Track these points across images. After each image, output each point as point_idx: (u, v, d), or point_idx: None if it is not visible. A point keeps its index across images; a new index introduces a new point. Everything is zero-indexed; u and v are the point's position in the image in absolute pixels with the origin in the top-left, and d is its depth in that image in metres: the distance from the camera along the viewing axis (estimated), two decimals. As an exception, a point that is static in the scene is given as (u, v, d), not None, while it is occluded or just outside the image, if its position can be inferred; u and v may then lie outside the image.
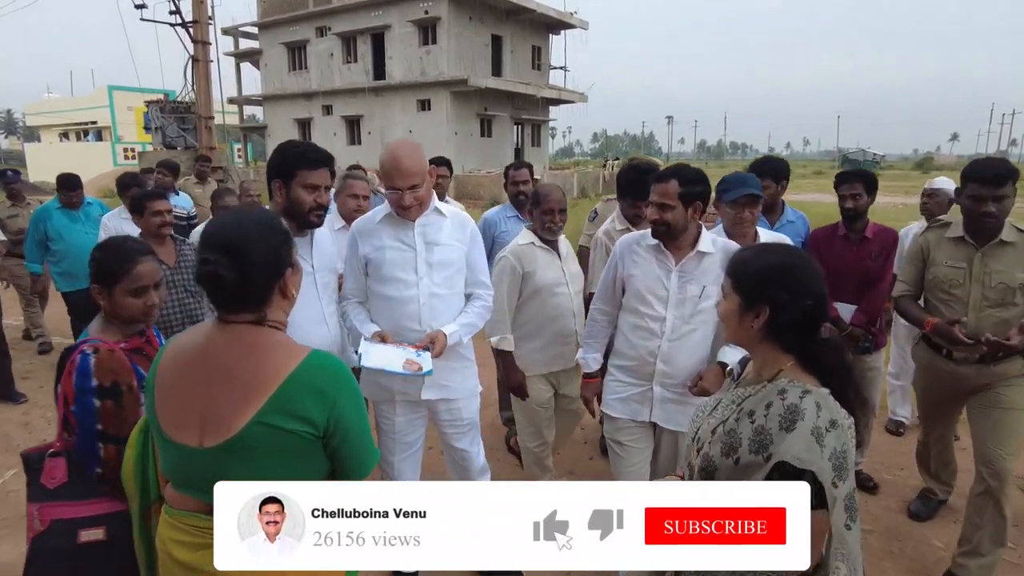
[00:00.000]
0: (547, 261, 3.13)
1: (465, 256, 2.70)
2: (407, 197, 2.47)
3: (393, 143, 2.55)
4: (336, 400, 1.35)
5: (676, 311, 2.44)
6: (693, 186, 2.39)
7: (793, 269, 1.40)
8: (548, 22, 31.12)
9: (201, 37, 11.45)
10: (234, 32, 33.52)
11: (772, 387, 1.36)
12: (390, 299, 2.57)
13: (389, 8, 27.71)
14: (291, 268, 1.45)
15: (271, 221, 1.45)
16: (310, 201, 2.41)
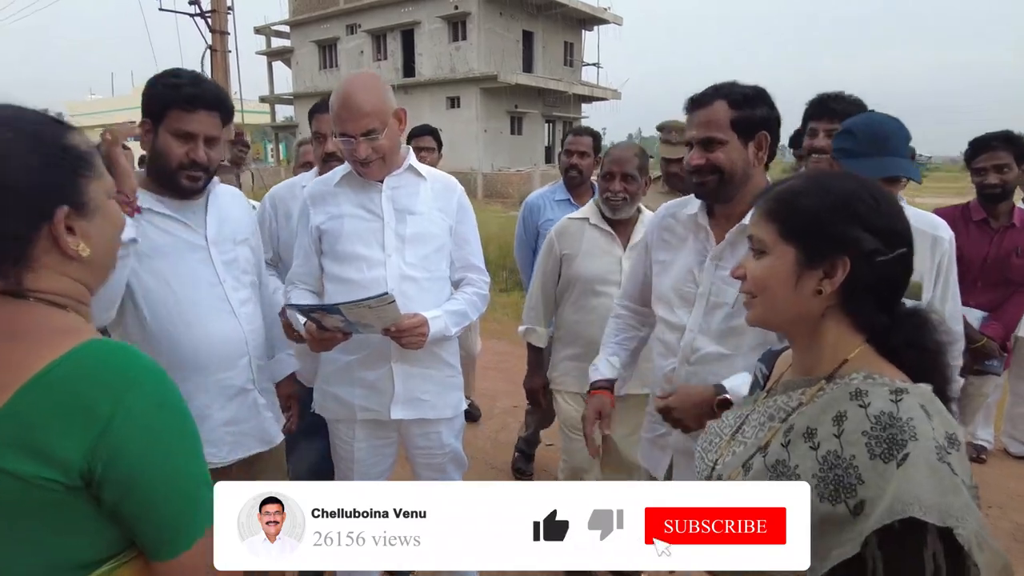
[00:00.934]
0: (598, 246, 2.51)
1: (450, 231, 2.08)
2: (362, 147, 1.87)
3: (345, 79, 1.95)
4: (112, 423, 0.84)
5: (701, 320, 1.71)
6: (752, 107, 1.60)
7: (875, 197, 0.96)
8: (581, 17, 30.53)
9: (219, 27, 11.16)
10: (266, 31, 33.68)
11: (838, 388, 0.94)
12: (349, 283, 1.96)
13: (419, 4, 27.45)
14: (72, 208, 0.91)
15: (35, 125, 0.92)
16: (180, 155, 1.74)
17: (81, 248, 0.92)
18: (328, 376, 2.09)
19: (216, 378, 1.82)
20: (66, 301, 0.94)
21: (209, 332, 1.80)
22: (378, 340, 1.94)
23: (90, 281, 0.98)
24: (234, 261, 1.91)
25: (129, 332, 1.79)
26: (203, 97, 1.74)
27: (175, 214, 1.80)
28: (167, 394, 0.92)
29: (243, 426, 1.89)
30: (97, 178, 0.96)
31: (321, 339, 1.88)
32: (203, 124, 1.75)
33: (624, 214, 2.48)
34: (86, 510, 0.86)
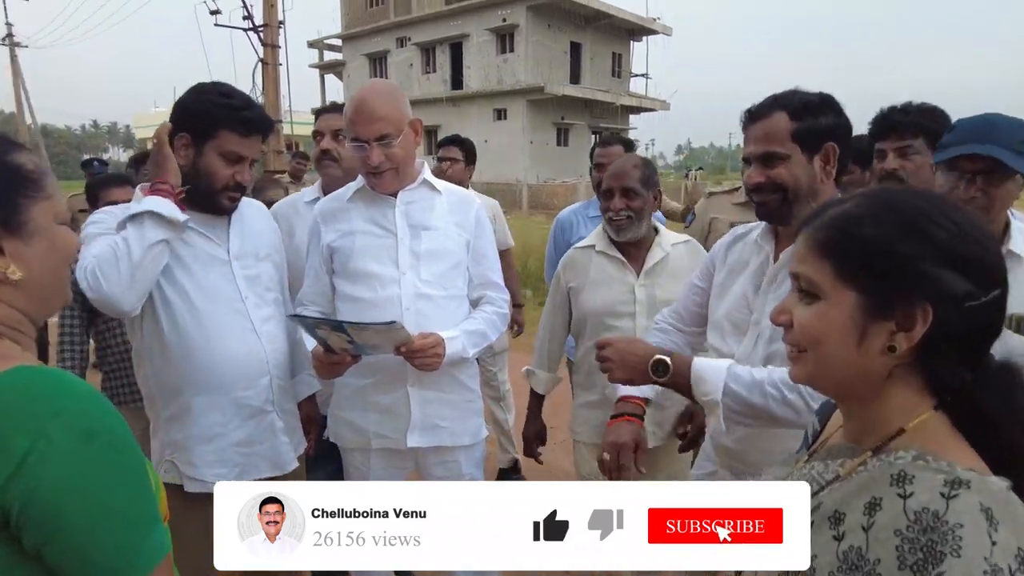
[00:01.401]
0: (606, 274, 2.21)
1: (467, 246, 1.98)
2: (375, 152, 1.80)
3: (362, 86, 1.90)
4: (29, 459, 0.75)
5: (751, 350, 1.54)
6: (816, 116, 1.44)
7: (957, 220, 0.75)
8: (630, 28, 30.39)
9: (271, 41, 11.45)
10: (319, 44, 34.53)
11: (881, 466, 0.76)
12: (362, 302, 1.88)
13: (468, 17, 27.73)
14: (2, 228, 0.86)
15: None
16: (226, 176, 1.74)
17: (11, 271, 0.86)
18: (341, 401, 2.00)
19: (233, 396, 1.77)
20: (1, 328, 0.87)
21: (228, 349, 1.76)
22: (393, 362, 1.84)
23: (28, 307, 0.91)
24: (257, 277, 1.87)
25: (146, 340, 1.77)
26: (258, 123, 1.76)
27: (198, 227, 1.77)
28: (99, 424, 0.83)
29: (256, 448, 1.84)
30: (42, 199, 0.90)
31: (329, 363, 1.79)
32: (253, 149, 1.78)
33: (631, 235, 2.14)
34: (3, 554, 0.78)
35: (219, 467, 1.78)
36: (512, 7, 26.41)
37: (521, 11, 26.20)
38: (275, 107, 11.85)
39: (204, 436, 1.76)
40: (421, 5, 29.55)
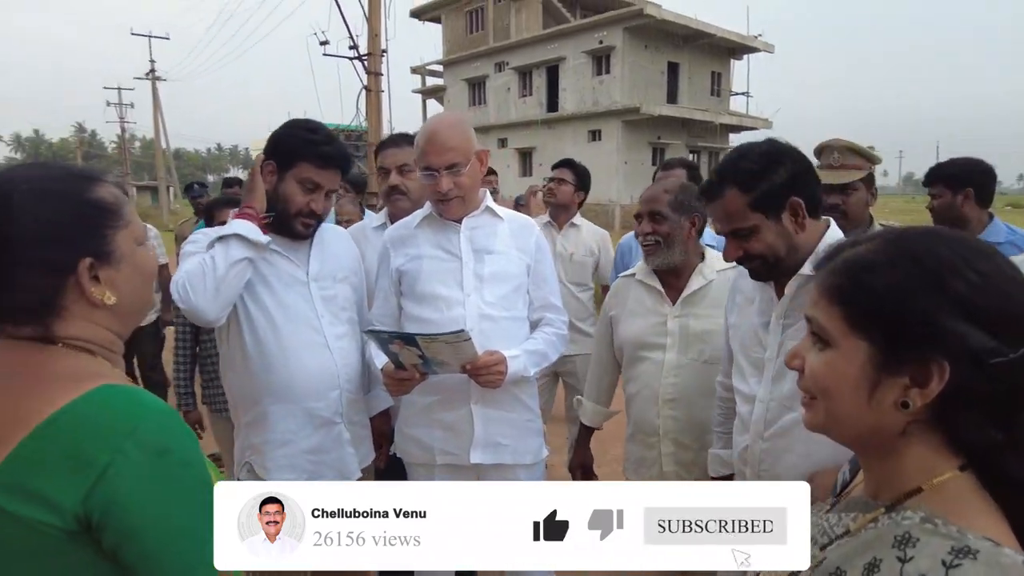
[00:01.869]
0: (642, 303, 2.17)
1: (528, 270, 2.05)
2: (444, 180, 1.90)
3: (432, 117, 2.02)
4: (108, 473, 0.83)
5: (771, 387, 1.52)
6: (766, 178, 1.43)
7: (980, 270, 0.69)
8: (730, 46, 29.70)
9: (374, 69, 12.08)
10: (421, 71, 35.90)
11: (889, 525, 0.72)
12: (428, 323, 1.96)
13: (564, 40, 28.04)
14: (95, 260, 0.94)
15: (60, 183, 0.95)
16: (301, 203, 1.90)
17: (106, 296, 0.95)
18: (408, 418, 2.08)
19: (305, 406, 1.90)
20: (94, 347, 0.96)
21: (303, 362, 1.89)
22: (457, 381, 1.92)
23: (118, 327, 1.00)
24: (333, 298, 2.02)
25: (231, 351, 1.94)
26: (335, 157, 1.91)
27: (281, 249, 1.94)
28: (171, 442, 0.90)
29: (324, 456, 1.95)
30: (124, 227, 0.98)
31: (399, 379, 1.87)
32: (329, 180, 1.92)
33: (661, 261, 2.08)
34: (84, 556, 0.86)
35: (289, 472, 1.91)
36: (609, 29, 26.50)
37: (618, 33, 26.23)
38: (377, 132, 12.48)
39: (278, 441, 1.91)
40: (519, 30, 30.17)
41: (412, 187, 2.42)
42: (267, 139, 1.96)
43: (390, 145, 2.53)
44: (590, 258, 3.59)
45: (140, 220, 1.06)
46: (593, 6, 30.31)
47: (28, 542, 0.83)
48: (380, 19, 12.20)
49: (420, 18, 34.17)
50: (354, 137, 15.28)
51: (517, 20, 30.40)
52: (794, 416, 1.47)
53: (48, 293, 0.92)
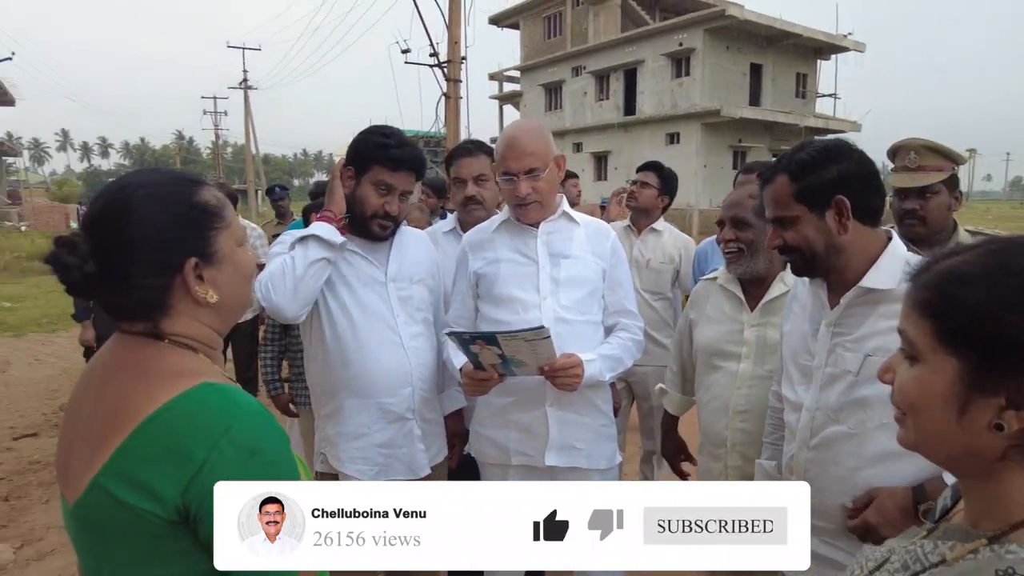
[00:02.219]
0: (721, 310, 2.10)
1: (603, 275, 2.05)
2: (523, 185, 1.93)
3: (511, 124, 2.05)
4: (204, 468, 0.87)
5: (819, 395, 1.48)
6: (817, 172, 1.41)
7: None
8: (817, 46, 28.63)
9: (453, 76, 12.37)
10: (499, 77, 36.33)
11: (991, 558, 0.66)
12: (505, 325, 1.97)
13: (643, 43, 27.77)
14: (199, 260, 0.98)
15: (170, 186, 1.00)
16: (376, 205, 1.96)
17: (210, 295, 0.99)
18: (483, 419, 2.10)
19: (378, 402, 1.98)
20: (197, 344, 1.01)
21: (378, 359, 1.97)
22: (533, 383, 1.94)
23: (219, 325, 1.05)
24: (409, 298, 2.07)
25: (313, 346, 2.04)
26: (406, 160, 1.97)
27: (361, 251, 2.02)
28: (262, 442, 0.93)
29: (395, 451, 2.02)
30: (225, 228, 1.03)
31: (477, 380, 1.89)
32: (402, 181, 1.98)
33: (744, 269, 1.99)
34: (183, 544, 0.90)
35: (361, 464, 1.98)
36: (689, 31, 26.06)
37: (698, 35, 25.75)
38: (456, 137, 12.75)
39: (351, 434, 1.98)
40: (597, 34, 30.08)
41: (488, 196, 2.43)
42: (349, 145, 2.04)
43: (464, 155, 2.48)
44: (669, 266, 3.38)
45: (240, 222, 1.10)
46: (673, 8, 29.89)
47: (133, 528, 0.88)
48: (460, 27, 12.49)
49: (498, 25, 34.61)
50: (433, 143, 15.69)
51: (595, 24, 30.32)
52: (840, 429, 1.43)
53: (158, 291, 0.97)
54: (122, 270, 0.94)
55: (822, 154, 1.42)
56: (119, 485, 0.88)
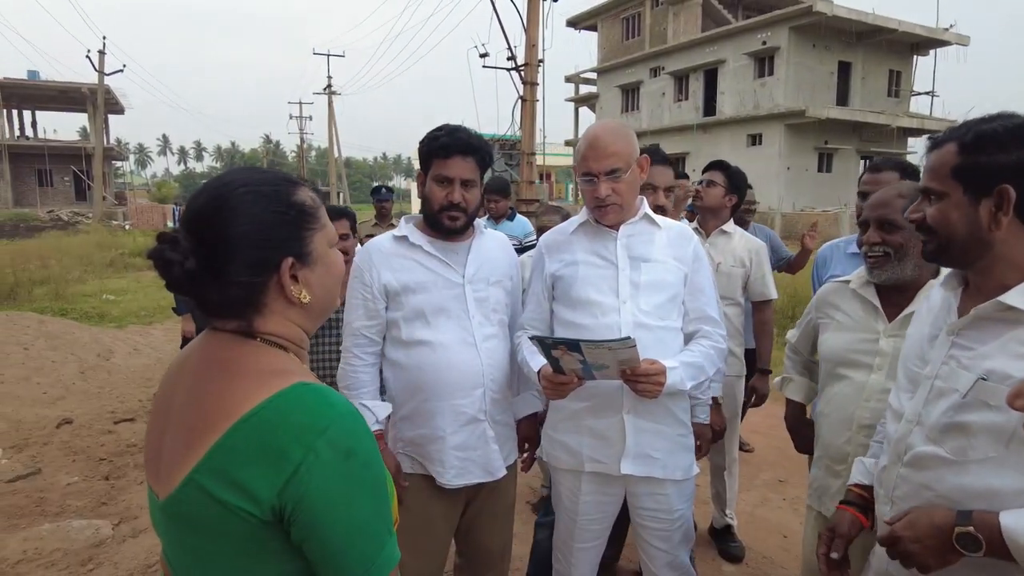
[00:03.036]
0: (853, 317, 1.93)
1: (685, 280, 2.00)
2: (603, 186, 1.90)
3: (594, 124, 2.02)
4: (301, 469, 0.86)
5: (921, 409, 1.32)
6: (991, 151, 1.19)
7: None
8: (914, 41, 27.09)
9: (530, 79, 12.43)
10: (575, 79, 36.26)
11: None
12: (582, 328, 1.94)
13: (725, 43, 27.08)
14: (295, 260, 0.99)
15: (269, 186, 0.99)
16: (440, 197, 1.97)
17: (303, 295, 1.00)
18: (556, 423, 2.07)
19: (452, 403, 1.98)
20: (287, 343, 1.01)
21: (451, 360, 1.97)
22: (609, 388, 1.90)
23: (308, 325, 1.05)
24: (485, 300, 2.06)
25: (391, 346, 2.06)
26: (454, 145, 1.95)
27: (439, 253, 2.02)
28: (356, 443, 0.92)
29: (471, 453, 2.01)
30: (320, 229, 1.03)
31: (556, 383, 1.83)
32: (457, 168, 1.96)
33: (887, 276, 1.80)
34: (276, 544, 0.91)
35: (439, 466, 1.99)
36: (773, 29, 25.21)
37: (783, 33, 24.88)
38: (531, 140, 12.83)
39: (430, 437, 2.00)
40: (677, 34, 29.57)
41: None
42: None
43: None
44: (739, 270, 3.21)
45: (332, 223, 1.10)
46: (756, 6, 29.05)
47: (227, 525, 0.89)
48: (537, 30, 12.55)
49: (576, 27, 34.55)
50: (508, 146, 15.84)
51: (675, 24, 29.81)
52: (935, 451, 1.26)
53: (254, 290, 0.97)
54: (220, 267, 0.94)
55: (1010, 133, 1.19)
56: (215, 483, 0.88)
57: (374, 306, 2.02)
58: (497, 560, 2.22)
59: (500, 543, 2.22)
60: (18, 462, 4.65)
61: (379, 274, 2.00)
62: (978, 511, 1.16)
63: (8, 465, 4.57)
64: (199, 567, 0.95)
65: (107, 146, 35.53)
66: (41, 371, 6.32)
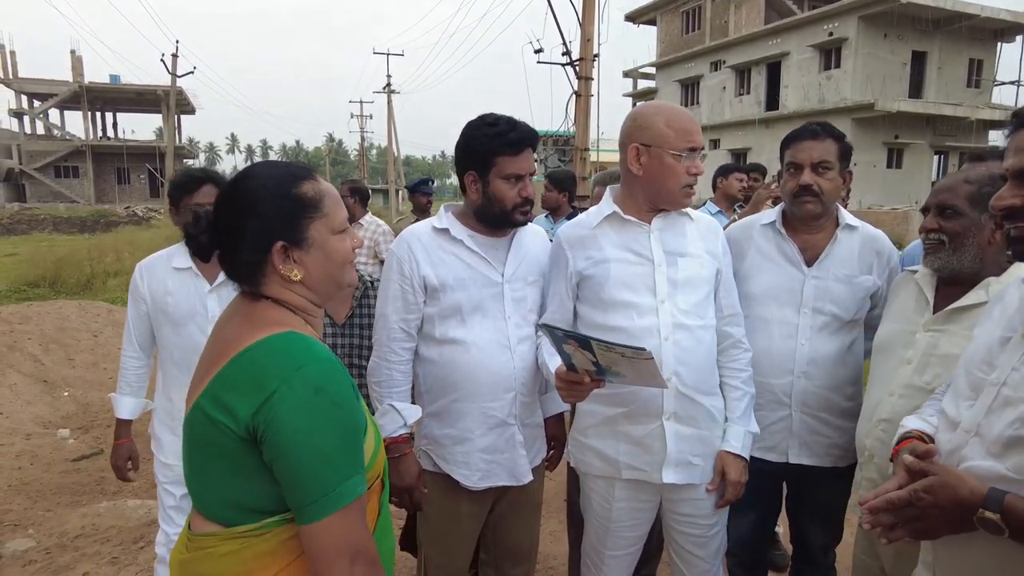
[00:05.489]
0: (905, 306, 1.85)
1: (717, 275, 1.93)
2: (701, 164, 1.85)
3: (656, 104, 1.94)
4: (275, 397, 1.04)
5: (982, 419, 1.19)
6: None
7: None
8: (999, 27, 25.55)
9: (585, 73, 12.27)
10: (634, 74, 35.79)
11: None
12: (618, 331, 1.82)
13: (789, 35, 26.21)
14: (288, 244, 1.17)
15: (273, 180, 1.18)
16: (514, 196, 1.87)
17: (294, 273, 1.17)
18: (586, 429, 1.97)
19: (481, 406, 1.92)
20: (291, 307, 1.19)
21: (484, 361, 1.91)
22: (648, 393, 1.82)
23: (312, 297, 1.22)
24: (523, 299, 1.98)
25: (424, 341, 1.98)
26: (526, 139, 1.88)
27: (479, 250, 1.94)
28: (327, 383, 1.08)
29: (498, 456, 1.96)
30: (319, 218, 1.19)
31: (570, 383, 1.68)
32: (527, 163, 1.89)
33: (942, 264, 1.70)
34: (253, 461, 1.07)
35: (464, 468, 1.95)
36: (841, 20, 24.22)
37: (851, 23, 23.86)
38: (585, 136, 12.69)
39: (456, 438, 1.95)
40: (738, 27, 28.80)
41: (826, 187, 2.04)
42: (455, 152, 1.96)
43: (807, 137, 2.09)
44: None
45: (343, 212, 1.23)
46: (823, -4, 27.98)
47: (218, 440, 1.07)
48: (593, 23, 12.40)
49: (635, 22, 34.07)
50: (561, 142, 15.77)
51: (736, 17, 29.04)
52: (994, 467, 1.13)
53: (254, 265, 1.17)
54: (231, 243, 1.17)
55: None
56: (210, 404, 1.08)
57: (413, 299, 1.93)
58: (524, 557, 2.19)
59: (528, 541, 2.19)
60: (83, 443, 4.90)
61: (418, 267, 1.91)
62: (1012, 495, 1.06)
63: (75, 445, 4.82)
64: (201, 481, 1.13)
65: (179, 145, 37.12)
66: (108, 357, 6.64)
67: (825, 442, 2.09)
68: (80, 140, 38.86)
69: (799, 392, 2.06)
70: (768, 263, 2.10)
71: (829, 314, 2.04)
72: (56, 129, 40.88)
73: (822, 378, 2.05)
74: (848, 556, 2.88)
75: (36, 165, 36.97)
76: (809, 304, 2.04)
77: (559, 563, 3.14)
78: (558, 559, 3.18)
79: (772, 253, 2.11)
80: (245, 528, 1.09)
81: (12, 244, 20.21)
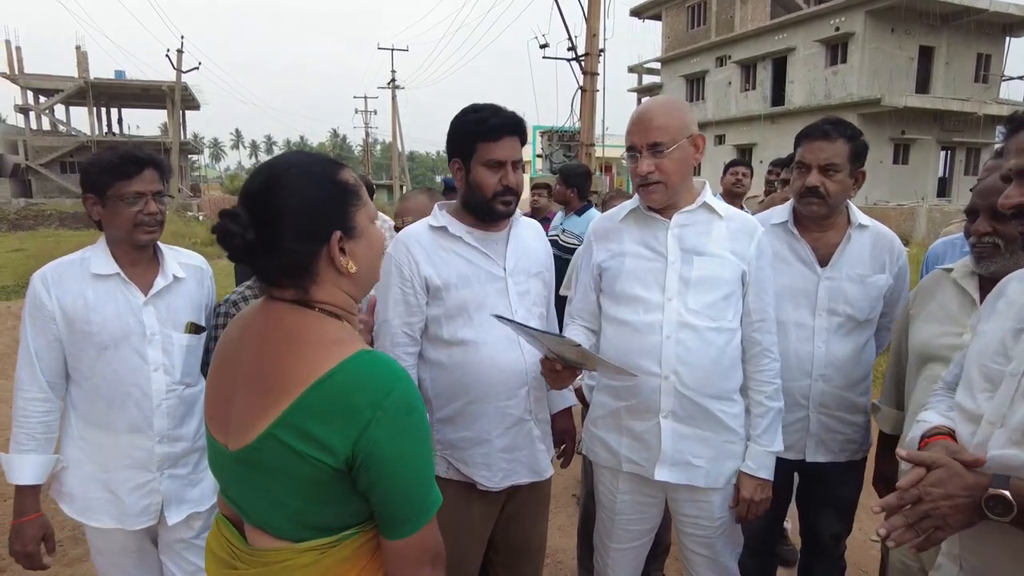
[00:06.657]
0: (945, 307, 1.81)
1: (743, 277, 1.85)
2: (644, 162, 1.75)
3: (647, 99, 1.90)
4: (371, 426, 1.01)
5: (1006, 410, 1.20)
6: None
7: None
8: (1006, 22, 25.38)
9: (590, 69, 12.27)
10: (639, 69, 35.63)
11: None
12: (625, 325, 1.85)
13: (795, 30, 26.07)
14: (342, 233, 1.09)
15: (317, 166, 1.11)
16: (494, 183, 1.81)
17: (350, 266, 1.11)
18: (596, 420, 2.01)
19: (497, 405, 1.88)
20: (340, 312, 1.13)
21: (495, 360, 1.86)
22: (647, 389, 1.82)
23: (356, 294, 1.17)
24: (527, 293, 1.95)
25: (430, 344, 1.93)
26: (505, 125, 1.82)
27: (479, 245, 1.90)
28: (414, 401, 1.06)
29: (518, 454, 1.93)
30: (362, 206, 1.14)
31: (547, 369, 1.74)
32: (509, 150, 1.82)
33: (996, 268, 1.65)
34: (342, 489, 1.05)
35: (485, 470, 1.90)
36: (847, 14, 24.09)
37: (858, 17, 23.73)
38: (590, 131, 12.68)
39: (475, 440, 1.89)
40: (744, 22, 28.66)
41: (832, 189, 2.02)
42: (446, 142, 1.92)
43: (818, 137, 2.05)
44: None
45: (371, 201, 1.21)
46: (830, -10, 27.82)
47: (300, 471, 1.03)
48: (599, 18, 12.38)
49: (640, 16, 33.94)
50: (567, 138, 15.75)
51: (742, 12, 28.90)
52: (1017, 454, 1.14)
53: (307, 259, 1.08)
54: (275, 239, 1.05)
55: None
56: (292, 437, 1.01)
57: (415, 301, 1.87)
58: (535, 552, 2.19)
59: (538, 536, 2.19)
60: None
61: (419, 268, 1.86)
62: (1016, 479, 1.09)
63: None
64: (270, 503, 1.08)
65: (183, 140, 37.18)
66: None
67: (841, 439, 2.09)
68: (85, 136, 38.91)
69: (817, 394, 2.06)
70: (781, 264, 2.06)
71: (844, 315, 2.03)
72: (62, 125, 40.99)
73: (839, 379, 2.05)
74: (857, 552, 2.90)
75: (42, 161, 37.05)
76: (824, 306, 2.03)
77: (568, 557, 3.16)
78: (566, 552, 3.19)
79: (784, 253, 2.09)
80: (321, 541, 1.08)
81: (19, 240, 20.32)
